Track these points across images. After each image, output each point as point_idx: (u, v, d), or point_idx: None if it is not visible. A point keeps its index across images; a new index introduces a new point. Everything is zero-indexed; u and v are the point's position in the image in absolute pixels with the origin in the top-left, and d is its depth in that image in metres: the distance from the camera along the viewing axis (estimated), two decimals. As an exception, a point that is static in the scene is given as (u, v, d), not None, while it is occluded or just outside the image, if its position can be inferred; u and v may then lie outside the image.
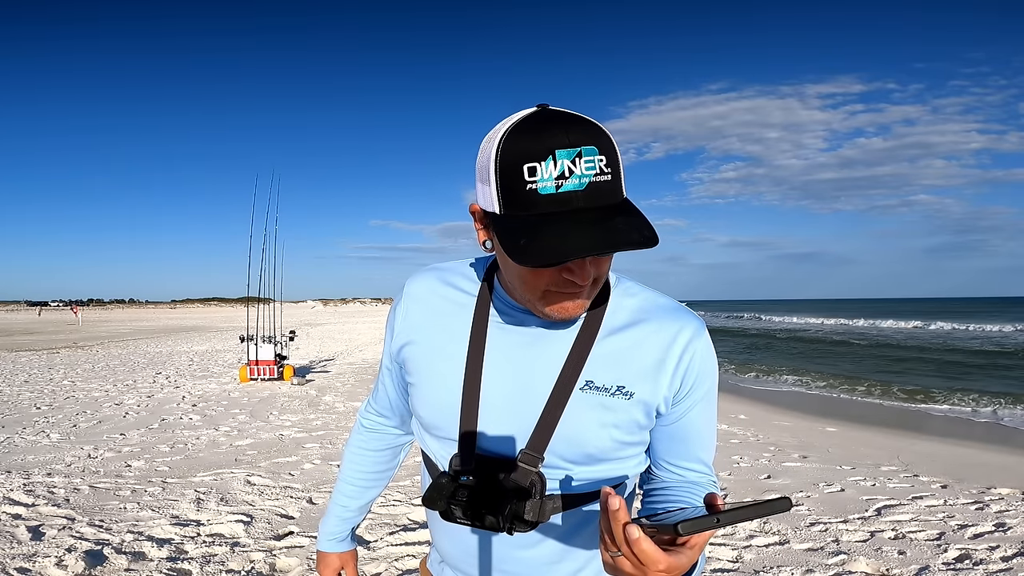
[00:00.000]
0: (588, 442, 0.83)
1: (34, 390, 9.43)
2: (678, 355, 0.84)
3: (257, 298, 11.16)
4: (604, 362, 0.83)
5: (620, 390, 0.83)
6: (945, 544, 3.45)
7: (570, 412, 0.82)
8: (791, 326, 38.76)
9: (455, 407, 0.85)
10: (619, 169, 0.72)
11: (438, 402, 0.88)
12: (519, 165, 0.69)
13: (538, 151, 0.68)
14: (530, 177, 0.69)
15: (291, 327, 14.07)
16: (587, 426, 0.82)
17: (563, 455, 0.83)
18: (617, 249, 0.68)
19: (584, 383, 0.82)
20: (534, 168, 0.68)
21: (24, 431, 6.37)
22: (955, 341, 24.56)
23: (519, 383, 0.84)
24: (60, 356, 15.61)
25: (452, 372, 0.86)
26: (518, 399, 0.84)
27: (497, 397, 0.84)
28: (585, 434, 0.83)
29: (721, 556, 3.28)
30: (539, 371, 0.84)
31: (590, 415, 0.82)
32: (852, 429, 7.62)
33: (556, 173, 0.68)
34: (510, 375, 0.84)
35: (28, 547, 3.25)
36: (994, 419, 8.47)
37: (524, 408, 0.83)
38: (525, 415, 0.83)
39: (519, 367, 0.84)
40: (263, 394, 9.07)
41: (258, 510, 3.91)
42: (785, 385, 12.34)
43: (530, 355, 0.84)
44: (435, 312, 0.91)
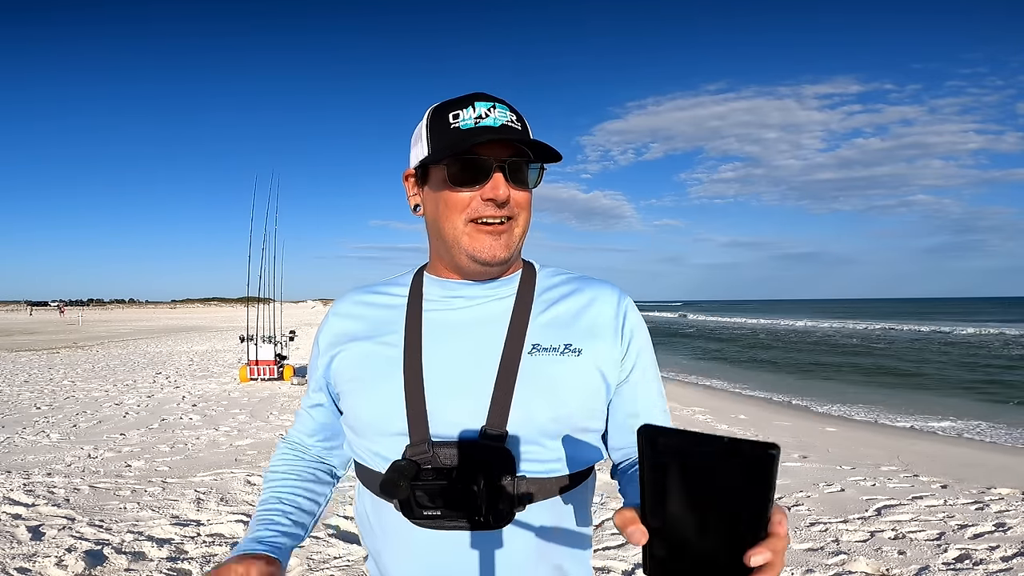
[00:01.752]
0: (547, 407, 0.80)
1: (34, 390, 9.43)
2: (616, 315, 0.89)
3: (257, 298, 11.16)
4: (547, 327, 0.85)
5: (568, 348, 0.84)
6: (945, 544, 3.45)
7: (523, 379, 0.80)
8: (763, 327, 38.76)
9: (399, 396, 0.81)
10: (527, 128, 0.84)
11: (380, 397, 0.82)
12: (445, 114, 0.82)
13: (461, 103, 0.83)
14: (454, 121, 0.81)
15: (291, 327, 14.07)
16: (543, 389, 0.81)
17: (525, 428, 0.79)
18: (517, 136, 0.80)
19: (531, 347, 0.83)
20: (457, 114, 0.82)
21: (24, 431, 6.37)
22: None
23: (465, 360, 0.82)
24: (60, 356, 15.61)
25: (391, 364, 0.83)
26: (467, 376, 0.81)
27: (444, 378, 0.81)
28: (543, 398, 0.80)
29: (721, 556, 3.28)
30: (483, 344, 0.83)
31: (543, 378, 0.81)
32: (852, 429, 7.62)
33: (475, 115, 0.81)
34: (453, 354, 0.83)
35: (28, 547, 3.25)
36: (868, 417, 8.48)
37: (475, 384, 0.81)
38: (478, 391, 0.80)
39: (461, 344, 0.84)
40: (263, 394, 9.07)
41: (258, 510, 3.91)
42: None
43: (471, 331, 0.85)
44: (363, 319, 0.90)
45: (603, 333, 0.87)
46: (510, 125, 0.81)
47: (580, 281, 0.92)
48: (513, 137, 0.80)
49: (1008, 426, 7.90)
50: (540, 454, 0.80)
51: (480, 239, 0.82)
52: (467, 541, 0.78)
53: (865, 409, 9.37)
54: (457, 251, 0.83)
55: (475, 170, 0.80)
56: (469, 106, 0.81)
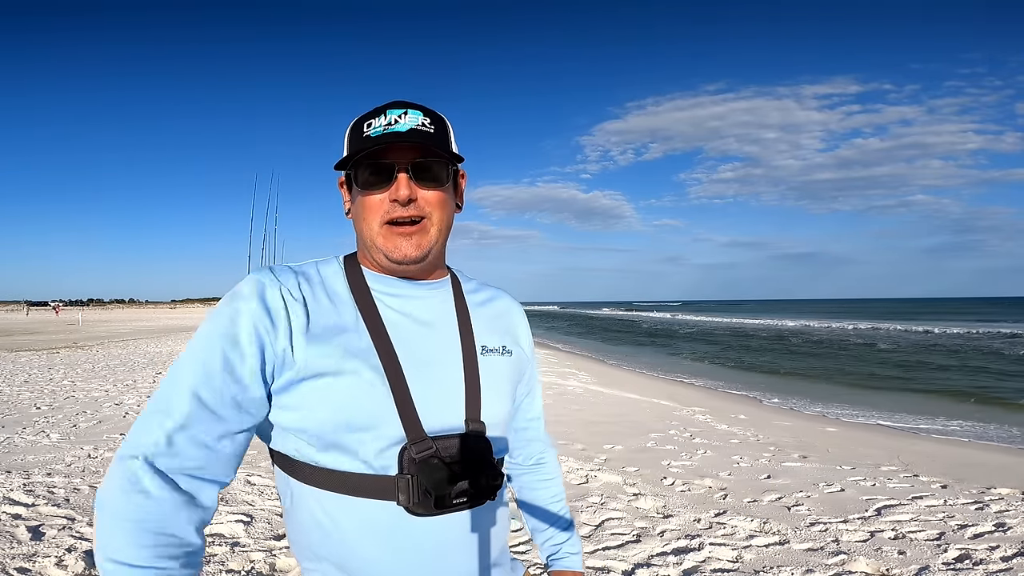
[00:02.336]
0: (501, 403, 0.95)
1: (34, 390, 9.43)
2: (524, 324, 1.07)
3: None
4: (486, 328, 0.97)
5: (504, 349, 0.99)
6: (945, 544, 3.45)
7: (486, 378, 0.93)
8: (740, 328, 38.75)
9: (386, 400, 0.82)
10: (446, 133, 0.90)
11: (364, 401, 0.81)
12: (361, 123, 0.89)
13: (376, 112, 0.89)
14: (366, 129, 0.88)
15: (291, 327, 14.03)
16: (498, 386, 0.95)
17: (492, 419, 0.91)
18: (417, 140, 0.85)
19: (481, 348, 0.95)
20: (370, 123, 0.88)
21: (24, 431, 6.37)
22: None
23: (433, 357, 0.89)
24: (60, 356, 15.61)
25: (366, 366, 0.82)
26: (439, 373, 0.88)
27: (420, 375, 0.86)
28: (499, 393, 0.95)
29: (721, 556, 3.28)
30: (443, 343, 0.91)
31: (496, 376, 0.95)
32: (852, 429, 7.62)
33: (385, 122, 0.87)
34: (422, 351, 0.89)
35: (28, 547, 3.25)
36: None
37: (447, 380, 0.89)
38: (451, 387, 0.89)
39: (426, 342, 0.90)
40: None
41: (258, 510, 3.91)
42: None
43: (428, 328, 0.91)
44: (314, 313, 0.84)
45: (520, 339, 1.04)
46: (419, 129, 0.86)
47: (490, 289, 1.06)
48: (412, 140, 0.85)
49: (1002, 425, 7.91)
50: (500, 440, 0.94)
51: (393, 239, 0.87)
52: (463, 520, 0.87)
53: (865, 409, 9.37)
54: (375, 251, 0.89)
55: (379, 173, 0.86)
56: (381, 114, 0.88)
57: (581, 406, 8.49)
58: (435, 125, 0.88)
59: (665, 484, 4.69)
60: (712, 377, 13.75)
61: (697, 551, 3.34)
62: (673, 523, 3.78)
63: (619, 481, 4.67)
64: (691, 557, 3.25)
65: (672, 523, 3.78)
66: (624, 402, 9.35)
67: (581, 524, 3.75)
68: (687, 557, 3.25)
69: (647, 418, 7.78)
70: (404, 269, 0.89)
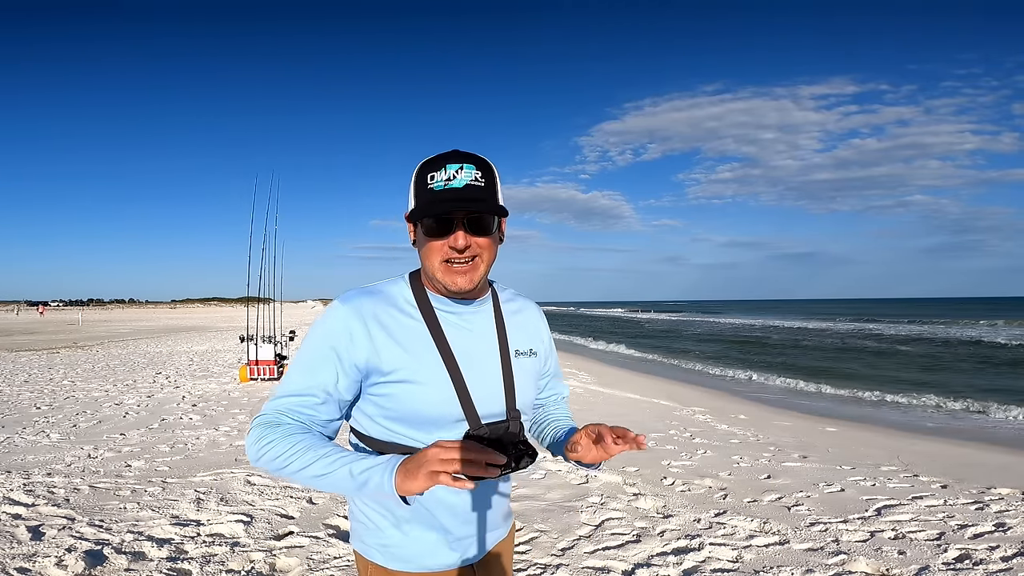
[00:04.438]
0: (529, 394, 1.23)
1: (34, 390, 9.43)
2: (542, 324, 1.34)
3: (257, 298, 11.15)
4: (516, 334, 1.24)
5: (531, 351, 1.26)
6: (945, 544, 3.45)
7: (518, 377, 1.20)
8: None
9: (453, 397, 1.10)
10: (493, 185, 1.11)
11: (437, 399, 1.10)
12: (425, 174, 1.09)
13: (437, 166, 1.08)
14: (430, 181, 1.08)
15: (291, 327, 14.07)
16: (527, 382, 1.22)
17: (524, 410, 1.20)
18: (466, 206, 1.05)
19: (514, 351, 1.21)
20: (433, 176, 1.08)
21: (24, 431, 6.37)
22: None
23: (480, 362, 1.16)
24: (60, 356, 15.60)
25: (437, 372, 1.10)
26: (485, 374, 1.15)
27: (472, 377, 1.13)
28: (527, 389, 1.22)
29: (721, 556, 3.28)
30: (486, 350, 1.18)
31: (525, 374, 1.22)
32: (852, 429, 7.62)
33: (445, 177, 1.07)
34: (472, 358, 1.15)
35: (28, 547, 3.25)
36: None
37: (492, 379, 1.16)
38: (494, 385, 1.16)
39: (474, 350, 1.16)
40: (263, 394, 9.06)
41: (258, 510, 3.91)
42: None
43: (476, 339, 1.17)
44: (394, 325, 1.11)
45: (542, 339, 1.32)
46: (473, 184, 1.07)
47: (519, 299, 1.31)
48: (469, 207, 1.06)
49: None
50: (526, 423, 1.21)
51: (451, 275, 1.10)
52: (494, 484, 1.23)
53: (865, 409, 9.37)
54: (436, 281, 1.12)
55: (442, 226, 1.07)
56: (442, 168, 1.07)
57: (581, 406, 8.49)
58: (485, 179, 1.09)
59: (665, 484, 4.69)
60: (711, 376, 13.72)
61: (697, 551, 3.34)
62: (673, 523, 3.78)
63: (619, 481, 4.67)
64: (691, 557, 3.25)
65: (672, 523, 3.78)
66: (624, 402, 9.35)
67: (581, 524, 3.75)
68: (687, 557, 3.25)
69: (647, 418, 7.78)
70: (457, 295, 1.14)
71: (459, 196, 1.05)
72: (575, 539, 3.51)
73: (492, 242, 1.12)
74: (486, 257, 1.12)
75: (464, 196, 1.05)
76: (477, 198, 1.06)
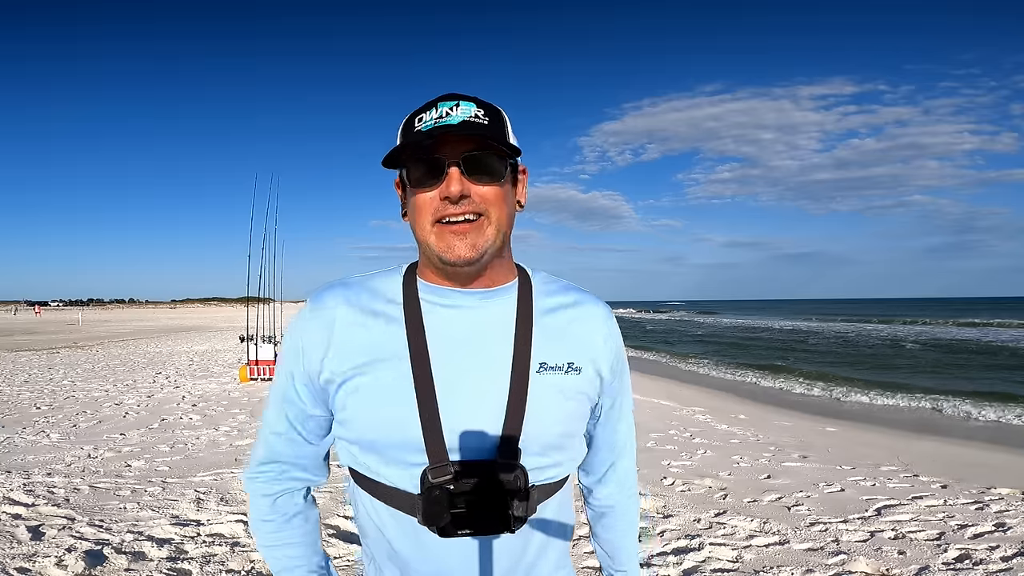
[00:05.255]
0: (554, 426, 0.85)
1: (34, 390, 9.43)
2: (608, 335, 0.91)
3: (257, 298, 11.15)
4: (550, 340, 0.86)
5: (571, 367, 0.86)
6: (945, 544, 3.45)
7: (533, 398, 0.83)
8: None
9: (411, 416, 0.80)
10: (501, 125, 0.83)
11: (389, 416, 0.81)
12: (412, 119, 0.84)
13: (426, 107, 0.83)
14: (417, 124, 0.82)
15: (291, 327, 14.03)
16: (550, 410, 0.84)
17: (534, 444, 0.83)
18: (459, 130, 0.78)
19: (539, 366, 0.84)
20: (421, 117, 0.82)
21: (24, 431, 6.37)
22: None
23: (475, 377, 0.82)
24: (60, 356, 15.60)
25: (401, 380, 0.82)
26: (478, 395, 0.82)
27: (456, 397, 0.81)
28: (550, 419, 0.84)
29: (721, 556, 3.28)
30: (491, 360, 0.83)
31: (551, 398, 0.84)
32: (852, 429, 7.62)
33: (436, 115, 0.81)
34: (463, 370, 0.82)
35: (28, 547, 3.25)
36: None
37: (487, 401, 0.82)
38: (490, 409, 0.81)
39: (469, 359, 0.83)
40: (263, 394, 9.06)
41: (258, 510, 3.91)
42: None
43: (476, 345, 0.84)
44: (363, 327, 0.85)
45: (598, 353, 0.89)
46: (472, 121, 0.80)
47: (572, 293, 0.93)
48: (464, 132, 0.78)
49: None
50: (545, 465, 0.85)
51: (445, 239, 0.81)
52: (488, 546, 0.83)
53: (868, 409, 9.37)
54: (429, 253, 0.83)
55: (430, 169, 0.81)
56: (432, 107, 0.82)
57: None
58: (489, 116, 0.82)
59: (665, 484, 4.69)
60: (712, 377, 13.71)
61: (697, 551, 3.34)
62: (673, 523, 3.78)
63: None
64: (691, 557, 3.25)
65: (672, 523, 3.78)
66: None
67: (580, 524, 3.75)
68: (687, 557, 3.25)
69: (647, 418, 7.78)
70: (459, 272, 0.83)
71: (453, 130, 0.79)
72: (575, 539, 3.51)
73: (504, 196, 0.83)
74: (495, 216, 0.82)
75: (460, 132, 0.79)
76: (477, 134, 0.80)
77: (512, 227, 0.87)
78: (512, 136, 0.85)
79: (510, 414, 0.81)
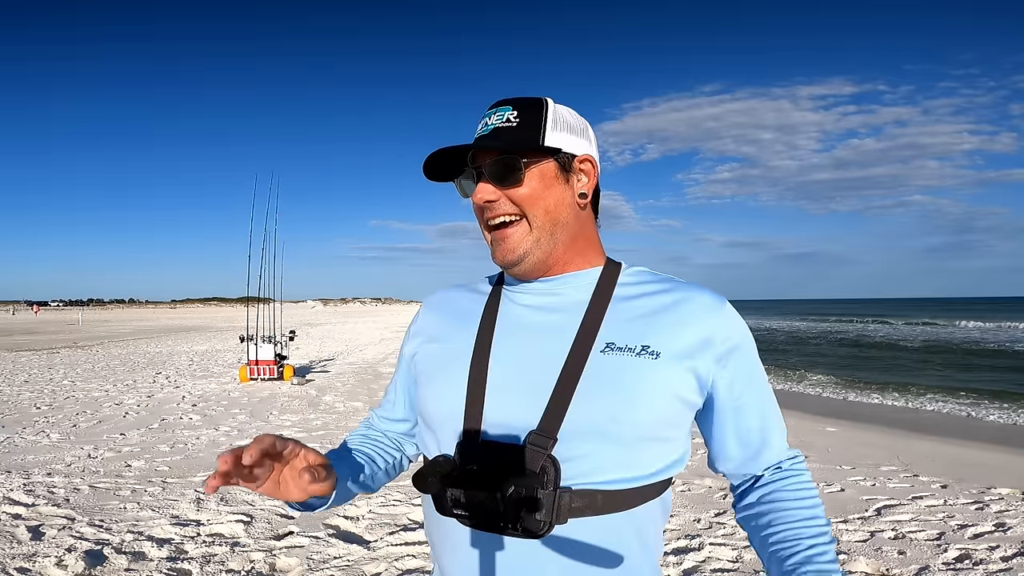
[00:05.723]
0: (609, 409, 0.74)
1: (34, 390, 9.42)
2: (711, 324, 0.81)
3: (257, 298, 11.15)
4: (625, 322, 0.80)
5: (646, 349, 0.77)
6: (945, 544, 3.45)
7: (588, 380, 0.75)
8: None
9: (461, 393, 0.80)
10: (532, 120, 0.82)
11: (445, 392, 0.83)
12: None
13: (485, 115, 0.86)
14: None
15: (291, 327, 14.06)
16: (608, 390, 0.75)
17: (583, 434, 0.74)
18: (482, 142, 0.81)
19: (604, 345, 0.78)
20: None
21: (24, 431, 6.37)
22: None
23: (531, 358, 0.79)
24: (60, 356, 15.60)
25: (459, 359, 0.83)
26: (529, 375, 0.78)
27: (507, 376, 0.79)
28: (606, 401, 0.74)
29: (721, 556, 3.28)
30: (552, 342, 0.79)
31: (613, 380, 0.75)
32: (852, 429, 7.62)
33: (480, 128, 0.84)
34: (521, 352, 0.80)
35: (28, 547, 3.25)
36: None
37: (535, 383, 0.77)
38: (536, 391, 0.76)
39: (531, 342, 0.81)
40: (263, 394, 9.06)
41: (258, 510, 3.91)
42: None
43: (543, 328, 0.82)
44: (446, 313, 0.94)
45: (691, 340, 0.79)
46: (502, 127, 0.81)
47: (671, 282, 0.86)
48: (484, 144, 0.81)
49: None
50: (593, 463, 0.74)
51: (494, 244, 0.84)
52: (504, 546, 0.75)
53: (868, 409, 9.37)
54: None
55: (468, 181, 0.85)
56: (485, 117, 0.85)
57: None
58: (521, 116, 0.81)
59: (665, 484, 4.69)
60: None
61: (697, 551, 3.33)
62: (673, 523, 3.78)
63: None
64: (691, 557, 3.25)
65: (672, 523, 3.78)
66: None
67: None
68: (687, 557, 3.25)
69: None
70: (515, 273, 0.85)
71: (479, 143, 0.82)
72: None
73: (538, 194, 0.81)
74: (532, 213, 0.81)
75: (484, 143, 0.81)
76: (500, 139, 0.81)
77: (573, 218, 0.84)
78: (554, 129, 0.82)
79: (557, 395, 0.75)
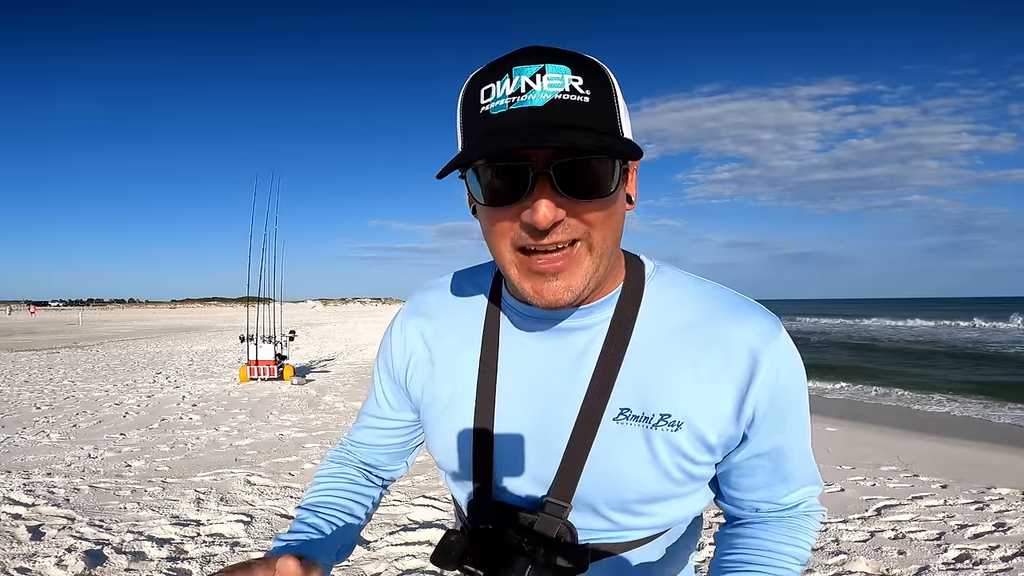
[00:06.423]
0: (625, 486, 0.67)
1: (34, 390, 9.42)
2: (747, 372, 0.66)
3: (257, 298, 11.15)
4: (642, 382, 0.66)
5: (665, 419, 0.65)
6: (945, 544, 3.45)
7: (600, 449, 0.67)
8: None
9: (468, 447, 0.73)
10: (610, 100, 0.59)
11: (451, 442, 0.75)
12: (476, 90, 0.60)
13: (497, 72, 0.58)
14: (484, 100, 0.58)
15: (291, 327, 14.06)
16: (622, 467, 0.66)
17: (596, 501, 0.68)
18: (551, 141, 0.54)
19: (618, 412, 0.66)
20: (489, 90, 0.58)
21: (24, 431, 6.37)
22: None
23: (540, 410, 0.69)
24: (60, 356, 15.60)
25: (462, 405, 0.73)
26: (539, 432, 0.69)
27: (514, 431, 0.70)
28: (620, 476, 0.67)
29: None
30: (562, 394, 0.69)
31: (626, 453, 0.66)
32: (852, 429, 7.62)
33: (511, 90, 0.57)
34: (528, 400, 0.70)
35: (28, 547, 3.25)
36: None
37: (546, 443, 0.69)
38: (548, 452, 0.69)
39: (539, 389, 0.70)
40: (263, 394, 9.06)
41: (258, 510, 3.91)
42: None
43: (551, 371, 0.69)
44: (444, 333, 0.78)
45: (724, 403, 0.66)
46: (564, 100, 0.56)
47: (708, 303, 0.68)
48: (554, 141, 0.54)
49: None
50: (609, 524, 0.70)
51: (531, 277, 0.61)
52: None
53: (868, 409, 9.37)
54: (511, 284, 0.65)
55: (509, 180, 0.58)
56: (506, 75, 0.57)
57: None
58: (590, 87, 0.57)
59: (665, 484, 4.69)
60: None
61: (697, 551, 3.33)
62: (673, 523, 3.78)
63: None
64: (691, 557, 3.25)
65: (672, 523, 3.78)
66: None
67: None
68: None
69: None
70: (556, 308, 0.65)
71: (537, 121, 0.55)
72: None
73: (611, 211, 0.61)
74: (598, 239, 0.61)
75: (547, 121, 0.55)
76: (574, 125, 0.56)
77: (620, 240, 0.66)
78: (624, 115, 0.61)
79: (566, 463, 0.67)
